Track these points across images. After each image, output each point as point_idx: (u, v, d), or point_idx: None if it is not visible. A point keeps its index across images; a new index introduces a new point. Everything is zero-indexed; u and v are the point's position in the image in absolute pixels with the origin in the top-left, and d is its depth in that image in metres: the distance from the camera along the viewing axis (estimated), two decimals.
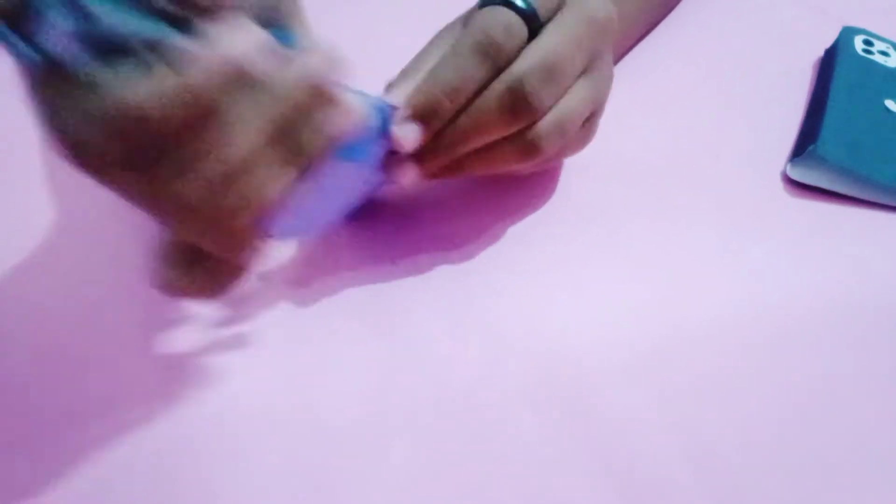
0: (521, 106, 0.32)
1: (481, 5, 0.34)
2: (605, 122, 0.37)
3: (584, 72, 0.35)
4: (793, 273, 0.39)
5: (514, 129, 0.33)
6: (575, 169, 0.42)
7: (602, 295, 0.37)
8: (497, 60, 0.32)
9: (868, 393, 0.34)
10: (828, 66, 0.49)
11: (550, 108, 0.34)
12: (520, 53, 0.33)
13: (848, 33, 0.51)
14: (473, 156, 0.34)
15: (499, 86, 0.32)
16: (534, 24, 0.33)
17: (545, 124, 0.33)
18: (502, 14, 0.32)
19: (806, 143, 0.44)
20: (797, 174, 0.43)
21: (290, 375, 0.33)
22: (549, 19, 0.34)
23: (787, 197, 0.43)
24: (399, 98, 0.33)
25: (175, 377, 0.33)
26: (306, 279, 0.36)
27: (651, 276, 0.38)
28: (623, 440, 0.32)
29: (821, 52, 0.52)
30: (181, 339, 0.34)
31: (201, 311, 0.35)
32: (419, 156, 0.34)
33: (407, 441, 0.31)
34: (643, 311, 0.36)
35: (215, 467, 0.30)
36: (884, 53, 0.50)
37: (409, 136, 0.33)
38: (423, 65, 0.34)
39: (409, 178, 0.34)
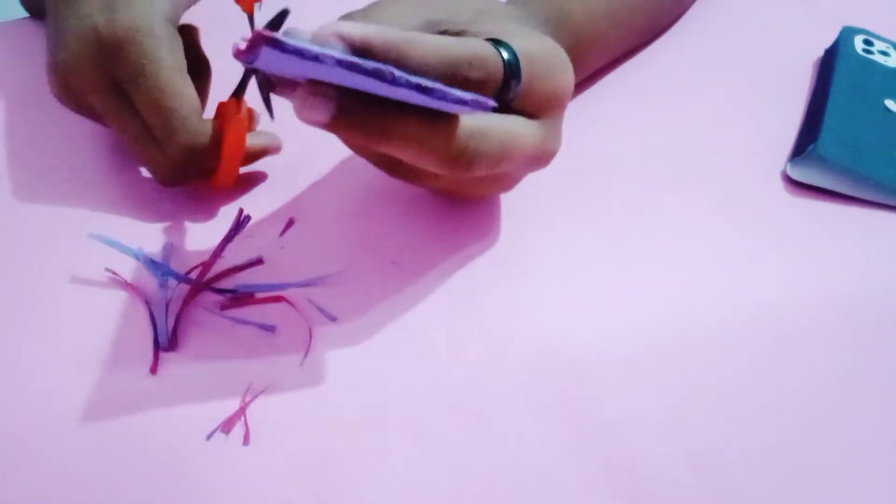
0: (460, 167, 0.30)
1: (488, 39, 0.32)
2: (605, 122, 0.37)
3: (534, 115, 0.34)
4: (793, 273, 0.39)
5: (439, 171, 0.31)
6: (574, 169, 0.42)
7: (602, 294, 0.37)
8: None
9: (868, 393, 0.34)
10: (828, 65, 0.49)
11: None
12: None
13: (848, 33, 0.51)
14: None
15: (455, 141, 0.30)
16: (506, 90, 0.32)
17: (489, 141, 0.31)
18: (493, 60, 0.31)
19: (806, 143, 0.44)
20: (797, 174, 0.43)
21: (289, 374, 0.33)
22: (519, 110, 0.33)
23: (787, 197, 0.43)
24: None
25: (172, 374, 0.33)
26: (306, 278, 0.36)
27: (651, 276, 0.38)
28: (623, 440, 0.32)
29: (821, 52, 0.52)
30: (179, 339, 0.34)
31: (202, 310, 0.35)
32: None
33: (407, 441, 0.31)
34: (643, 310, 0.36)
35: (215, 466, 0.30)
36: (884, 53, 0.50)
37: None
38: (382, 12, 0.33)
39: (311, 117, 0.28)
